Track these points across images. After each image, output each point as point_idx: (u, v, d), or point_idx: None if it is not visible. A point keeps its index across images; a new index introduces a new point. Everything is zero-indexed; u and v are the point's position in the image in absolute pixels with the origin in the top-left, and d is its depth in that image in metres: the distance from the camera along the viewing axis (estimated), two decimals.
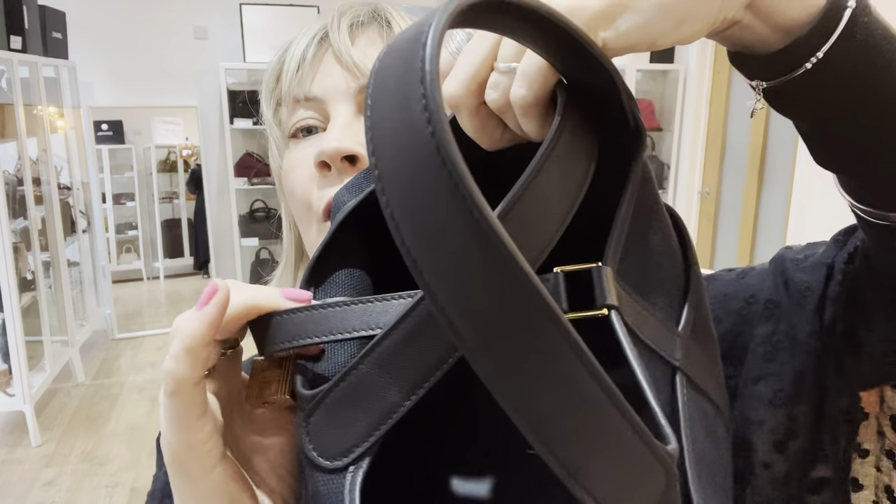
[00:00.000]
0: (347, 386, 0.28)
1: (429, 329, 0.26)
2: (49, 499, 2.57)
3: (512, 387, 0.20)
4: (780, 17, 0.31)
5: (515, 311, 0.19)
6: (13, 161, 3.18)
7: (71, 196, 3.77)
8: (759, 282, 0.47)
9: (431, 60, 0.20)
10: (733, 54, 0.35)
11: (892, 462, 0.43)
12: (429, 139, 0.19)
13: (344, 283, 0.37)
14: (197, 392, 0.31)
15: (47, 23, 3.35)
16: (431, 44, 0.20)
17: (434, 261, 0.20)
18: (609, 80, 0.29)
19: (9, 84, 2.94)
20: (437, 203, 0.19)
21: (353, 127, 0.51)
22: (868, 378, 0.42)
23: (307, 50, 0.54)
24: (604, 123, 0.30)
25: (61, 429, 3.10)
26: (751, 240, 3.25)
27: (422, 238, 0.20)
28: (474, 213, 0.19)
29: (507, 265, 0.19)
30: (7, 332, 2.84)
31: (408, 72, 0.21)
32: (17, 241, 2.98)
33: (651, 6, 0.28)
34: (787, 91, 0.32)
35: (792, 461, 0.43)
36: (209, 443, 0.32)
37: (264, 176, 4.23)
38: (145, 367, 3.79)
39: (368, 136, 0.21)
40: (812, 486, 0.44)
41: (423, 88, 0.20)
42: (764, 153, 3.12)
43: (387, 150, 0.21)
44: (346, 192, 0.39)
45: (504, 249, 0.19)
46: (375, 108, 0.22)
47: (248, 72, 4.15)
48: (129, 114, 4.22)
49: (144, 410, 3.28)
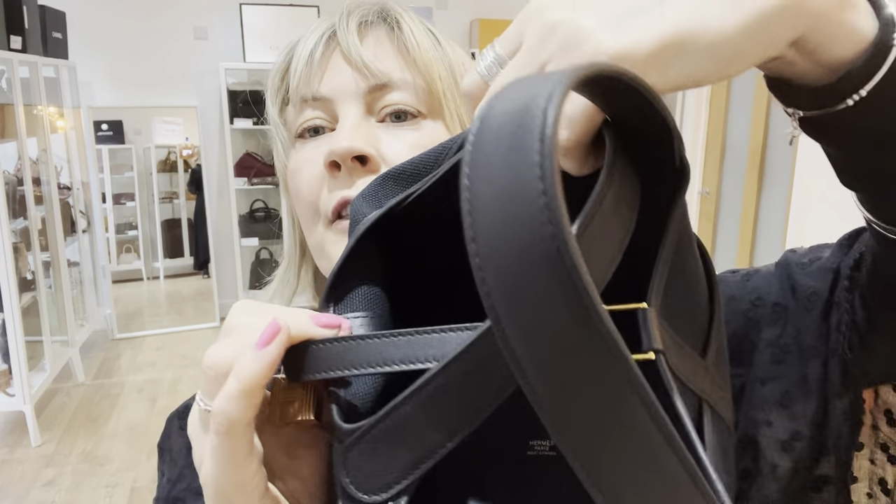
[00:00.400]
0: (390, 424, 0.28)
1: (475, 377, 0.26)
2: (49, 499, 2.57)
3: (592, 460, 0.20)
4: (825, 56, 0.30)
5: (608, 392, 0.20)
6: (13, 161, 3.18)
7: (71, 196, 3.77)
8: (765, 285, 0.47)
9: (550, 156, 0.19)
10: (770, 80, 0.34)
11: (887, 455, 0.43)
12: (545, 226, 0.18)
13: (363, 299, 0.36)
14: (248, 431, 0.31)
15: (47, 23, 3.35)
16: (551, 125, 0.19)
17: (529, 342, 0.20)
18: (665, 128, 0.28)
19: (9, 84, 2.94)
20: (546, 295, 0.19)
21: (363, 128, 0.51)
22: (872, 378, 0.43)
23: (315, 49, 0.53)
24: (650, 163, 0.29)
25: (61, 429, 3.10)
26: (751, 240, 3.25)
27: (519, 318, 0.19)
28: (585, 302, 0.19)
29: (608, 352, 0.19)
30: (7, 332, 2.84)
31: (520, 151, 0.19)
32: (17, 241, 2.98)
33: (701, 50, 0.27)
34: (825, 122, 0.32)
35: (797, 460, 0.44)
36: (256, 478, 0.32)
37: (264, 176, 4.23)
38: (145, 367, 3.79)
39: (466, 206, 0.20)
40: (815, 483, 0.44)
41: (542, 185, 0.19)
42: (764, 153, 3.12)
43: (488, 222, 0.20)
44: (363, 201, 0.38)
45: (608, 336, 0.19)
46: (476, 175, 0.20)
47: (248, 72, 4.16)
48: (129, 114, 4.22)
49: (144, 410, 3.28)
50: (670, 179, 0.29)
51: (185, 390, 3.47)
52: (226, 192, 4.25)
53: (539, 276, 0.19)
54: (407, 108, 0.53)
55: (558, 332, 0.19)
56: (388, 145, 0.51)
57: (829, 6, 0.28)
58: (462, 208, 0.20)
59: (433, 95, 0.53)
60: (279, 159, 0.58)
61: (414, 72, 0.53)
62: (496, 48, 0.31)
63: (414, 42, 0.54)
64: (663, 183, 0.29)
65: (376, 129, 0.52)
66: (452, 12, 4.42)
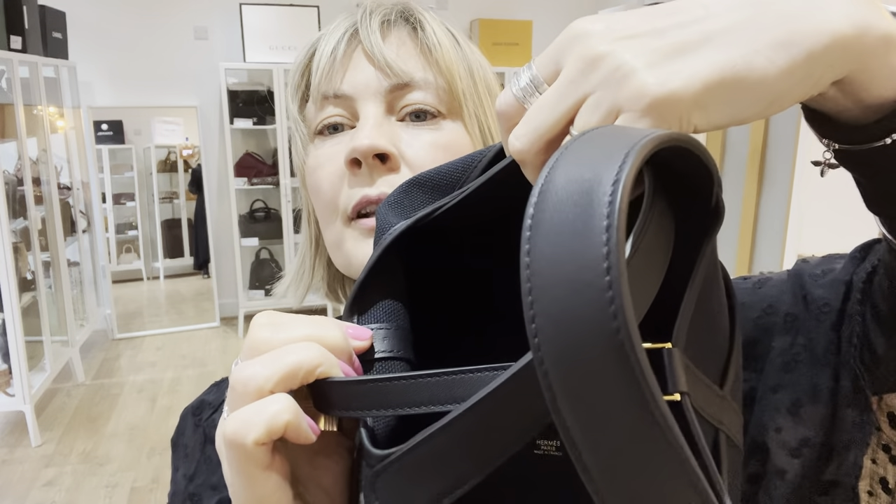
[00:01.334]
0: (422, 454, 0.28)
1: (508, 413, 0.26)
2: (49, 499, 2.57)
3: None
4: (866, 95, 0.30)
5: (660, 474, 0.20)
6: (13, 161, 3.18)
7: (71, 196, 3.77)
8: (777, 293, 0.48)
9: (616, 249, 0.19)
10: (808, 111, 0.33)
11: (888, 455, 0.44)
12: (610, 319, 0.19)
13: (385, 312, 0.36)
14: (258, 451, 0.30)
15: (47, 23, 3.35)
16: (617, 216, 0.19)
17: (590, 440, 0.20)
18: (709, 177, 0.27)
19: (9, 84, 2.94)
20: (606, 382, 0.19)
21: (384, 126, 0.52)
22: (882, 385, 0.43)
23: (338, 46, 0.54)
24: (684, 201, 0.29)
25: (61, 429, 3.10)
26: (751, 240, 3.25)
27: (584, 416, 0.20)
28: (648, 399, 0.19)
29: (667, 443, 0.19)
30: (7, 332, 2.84)
31: (585, 237, 0.19)
32: (17, 241, 2.98)
33: (746, 94, 0.27)
34: (860, 156, 0.32)
35: (805, 466, 0.44)
36: (277, 493, 0.32)
37: (264, 176, 4.23)
38: (145, 367, 3.79)
39: (525, 280, 0.20)
40: (822, 488, 0.44)
41: (608, 277, 0.19)
42: (764, 153, 3.12)
43: (549, 302, 0.20)
44: (389, 209, 0.38)
45: (673, 439, 0.19)
46: (538, 254, 0.20)
47: (248, 72, 4.16)
48: (129, 114, 4.23)
49: (144, 410, 3.28)
50: (702, 218, 0.29)
51: (185, 390, 3.47)
52: (226, 192, 4.25)
53: (601, 368, 0.19)
54: (427, 108, 0.53)
55: (617, 420, 0.19)
56: (409, 144, 0.52)
57: (876, 47, 0.28)
58: (522, 289, 0.20)
59: (453, 96, 0.54)
60: (298, 155, 0.58)
61: (435, 72, 0.54)
62: (533, 69, 0.30)
63: (436, 42, 0.54)
64: (695, 220, 0.29)
65: (396, 127, 0.53)
66: (452, 12, 4.42)
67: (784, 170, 2.93)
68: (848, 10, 0.27)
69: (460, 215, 0.36)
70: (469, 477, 0.27)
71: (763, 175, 3.14)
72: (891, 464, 0.44)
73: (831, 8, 0.27)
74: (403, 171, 0.51)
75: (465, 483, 0.27)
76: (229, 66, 3.99)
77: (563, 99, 0.28)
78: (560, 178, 0.21)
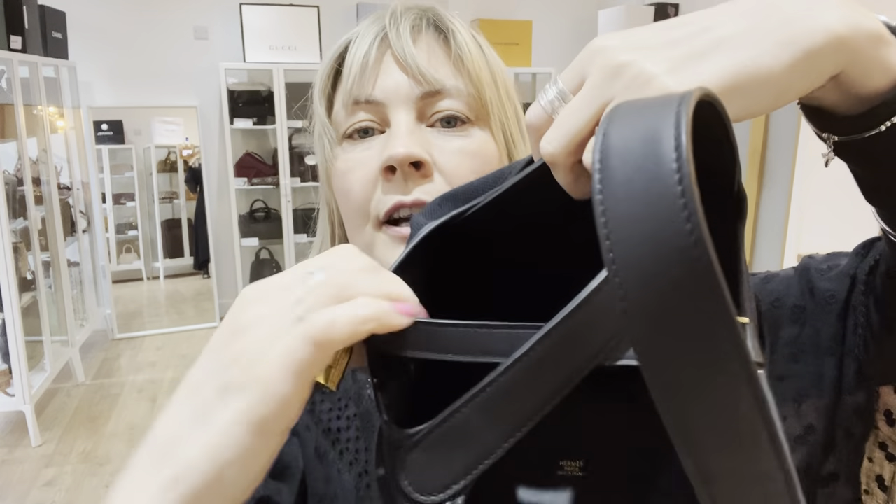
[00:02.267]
0: (449, 428, 0.29)
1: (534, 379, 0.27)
2: (49, 499, 2.57)
3: (701, 449, 0.22)
4: (860, 87, 0.33)
5: (727, 385, 0.22)
6: (13, 161, 3.18)
7: (71, 196, 3.77)
8: (784, 288, 0.50)
9: (685, 162, 0.21)
10: (807, 110, 0.36)
11: (885, 453, 0.45)
12: (691, 247, 0.20)
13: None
14: (330, 352, 0.31)
15: (47, 23, 3.35)
16: (685, 140, 0.21)
17: (655, 322, 0.22)
18: (733, 159, 0.30)
19: (9, 84, 2.94)
20: (680, 285, 0.21)
21: (416, 133, 0.53)
22: (885, 377, 0.45)
23: (369, 52, 0.55)
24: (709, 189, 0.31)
25: (61, 429, 3.10)
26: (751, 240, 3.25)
27: (659, 324, 0.21)
28: (722, 307, 0.21)
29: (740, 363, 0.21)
30: (7, 332, 2.84)
31: (657, 186, 0.21)
32: (17, 241, 2.98)
33: (757, 89, 0.30)
34: (857, 146, 0.34)
35: (808, 455, 0.46)
36: (297, 411, 0.31)
37: (264, 176, 4.23)
38: (145, 367, 3.79)
39: (604, 239, 0.22)
40: (823, 478, 0.46)
41: (686, 212, 0.20)
42: (764, 153, 3.12)
43: (625, 223, 0.21)
44: (423, 218, 0.40)
45: (743, 353, 0.21)
46: (610, 188, 0.22)
47: (248, 72, 4.16)
48: (129, 114, 4.23)
49: (144, 410, 3.28)
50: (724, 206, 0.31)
51: None
52: (226, 192, 4.25)
53: (675, 263, 0.21)
54: (458, 115, 0.54)
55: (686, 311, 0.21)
56: (441, 151, 0.53)
57: (867, 43, 0.31)
58: (595, 211, 0.22)
59: (481, 103, 0.55)
60: (323, 157, 0.59)
61: (465, 80, 0.55)
62: (559, 84, 0.33)
63: (467, 51, 0.56)
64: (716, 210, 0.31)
65: (427, 134, 0.54)
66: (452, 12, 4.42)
67: (784, 170, 2.94)
68: (841, 12, 0.31)
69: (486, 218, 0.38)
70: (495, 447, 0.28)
71: (763, 175, 3.15)
72: (887, 461, 0.45)
73: (826, 11, 0.31)
74: (436, 178, 0.52)
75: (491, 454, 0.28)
76: (229, 66, 4.00)
77: (590, 103, 0.31)
78: (617, 130, 0.23)
